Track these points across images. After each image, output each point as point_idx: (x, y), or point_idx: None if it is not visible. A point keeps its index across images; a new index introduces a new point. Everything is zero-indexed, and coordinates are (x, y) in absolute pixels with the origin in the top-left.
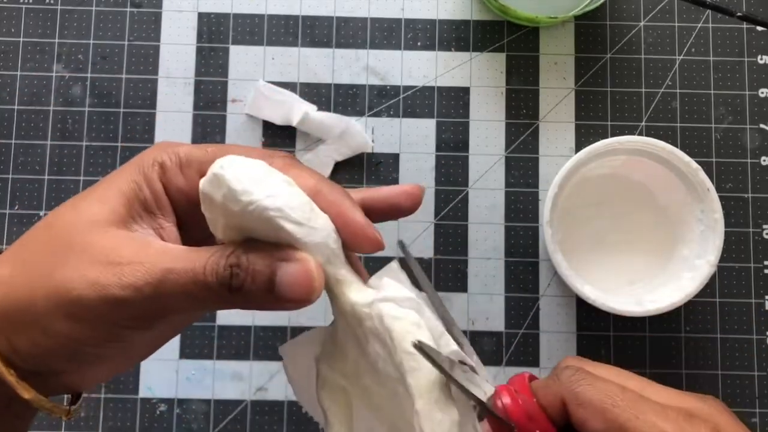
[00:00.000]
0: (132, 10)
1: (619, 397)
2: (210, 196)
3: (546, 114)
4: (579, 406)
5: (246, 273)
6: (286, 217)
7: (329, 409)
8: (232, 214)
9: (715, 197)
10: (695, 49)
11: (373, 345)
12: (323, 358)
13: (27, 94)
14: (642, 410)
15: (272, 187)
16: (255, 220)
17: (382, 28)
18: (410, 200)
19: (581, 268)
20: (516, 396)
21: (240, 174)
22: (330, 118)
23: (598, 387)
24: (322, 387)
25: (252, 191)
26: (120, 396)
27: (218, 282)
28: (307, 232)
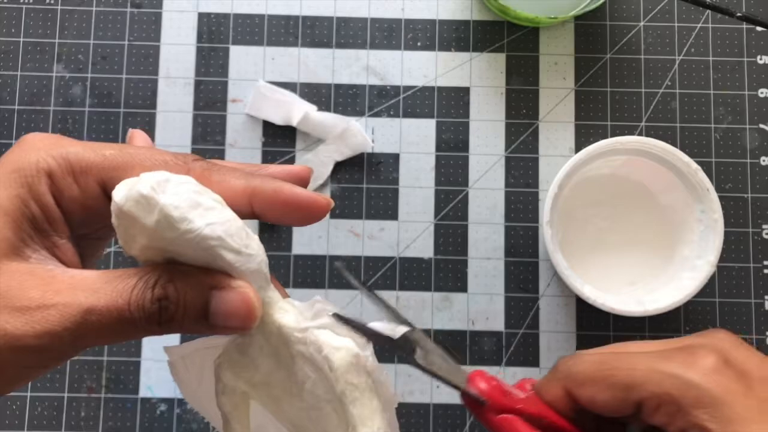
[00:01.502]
0: (132, 11)
1: (614, 359)
2: (133, 217)
3: (546, 114)
4: (580, 386)
5: (177, 305)
6: (226, 246)
7: (230, 413)
8: (160, 237)
9: (715, 197)
10: (695, 49)
11: (301, 366)
12: (226, 365)
13: (27, 94)
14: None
15: (209, 213)
16: (187, 246)
17: (382, 28)
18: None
19: (581, 268)
20: (489, 378)
21: (175, 198)
22: (330, 118)
23: (590, 360)
24: (223, 392)
25: (191, 219)
26: (120, 396)
27: (145, 318)
28: (245, 260)
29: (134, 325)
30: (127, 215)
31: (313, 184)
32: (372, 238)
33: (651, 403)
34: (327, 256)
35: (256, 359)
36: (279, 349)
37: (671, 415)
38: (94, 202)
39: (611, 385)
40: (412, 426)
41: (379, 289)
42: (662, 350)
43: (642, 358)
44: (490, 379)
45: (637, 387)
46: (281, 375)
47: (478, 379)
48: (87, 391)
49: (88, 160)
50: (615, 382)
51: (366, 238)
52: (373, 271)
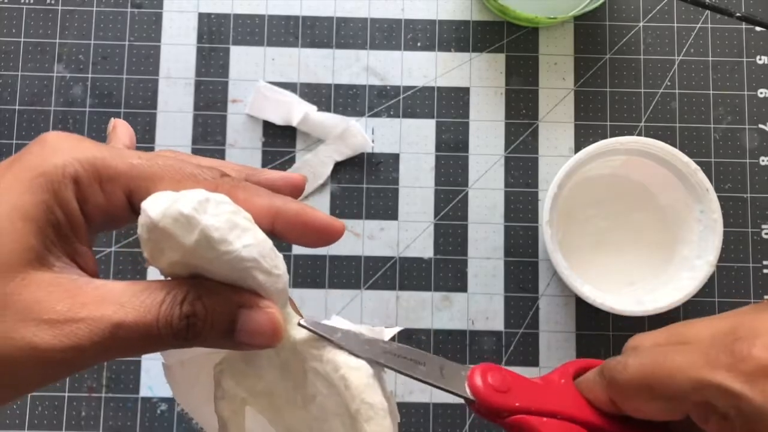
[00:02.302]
0: (133, 11)
1: (656, 365)
2: (170, 234)
3: (545, 114)
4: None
5: (204, 322)
6: (259, 267)
7: (229, 419)
8: (197, 256)
9: (714, 197)
10: (694, 49)
11: (313, 382)
12: (228, 372)
13: (28, 94)
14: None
15: (246, 234)
16: (222, 265)
17: (382, 28)
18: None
19: (581, 268)
20: (487, 372)
21: (216, 220)
22: (330, 119)
23: (635, 368)
24: (223, 398)
25: (231, 241)
26: (121, 395)
27: (172, 334)
28: (274, 281)
29: (161, 340)
30: (163, 231)
31: (313, 184)
32: (372, 238)
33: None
34: (327, 256)
35: (261, 369)
36: (289, 363)
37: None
38: (118, 210)
39: (655, 398)
40: (412, 426)
41: (378, 289)
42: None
43: (685, 360)
44: (488, 374)
45: (681, 399)
46: (286, 385)
47: (474, 375)
48: (87, 390)
49: (116, 168)
50: (659, 394)
51: (366, 238)
52: (373, 271)
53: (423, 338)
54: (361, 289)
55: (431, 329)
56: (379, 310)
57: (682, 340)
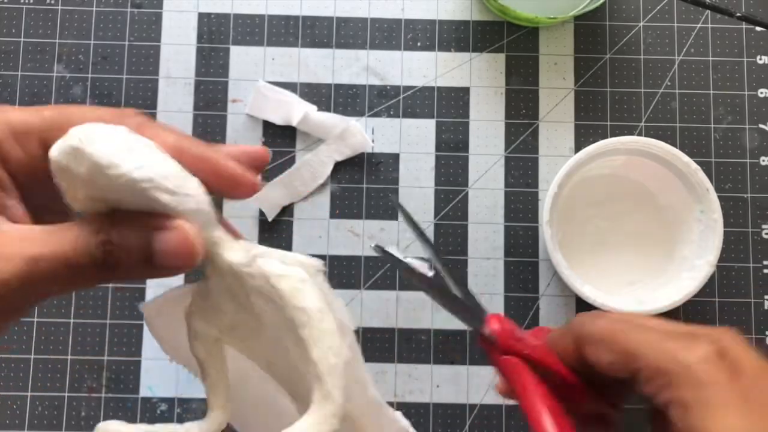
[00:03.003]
0: (132, 11)
1: (625, 328)
2: (68, 169)
3: (546, 114)
4: (589, 344)
5: (120, 249)
6: (159, 187)
7: (205, 360)
8: (97, 186)
9: (715, 197)
10: (694, 49)
11: (256, 300)
12: (195, 313)
13: (28, 94)
14: (646, 335)
15: (140, 156)
16: (124, 191)
17: (382, 28)
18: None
19: (581, 268)
20: (503, 320)
21: (103, 146)
22: (330, 118)
23: (603, 322)
24: (195, 339)
25: (119, 164)
26: (120, 395)
27: (92, 262)
28: (181, 200)
29: (81, 271)
30: (63, 169)
31: (313, 184)
32: (372, 238)
33: (646, 373)
34: (327, 256)
35: (218, 303)
36: (235, 289)
37: (661, 387)
38: (40, 163)
39: (616, 350)
40: (412, 426)
41: (378, 289)
42: (670, 331)
43: (649, 333)
44: (505, 322)
45: (638, 356)
46: (244, 315)
47: (493, 320)
48: (87, 390)
49: (29, 123)
50: (620, 347)
51: (366, 238)
52: (373, 271)
53: (423, 338)
54: (361, 289)
55: (431, 329)
56: (379, 310)
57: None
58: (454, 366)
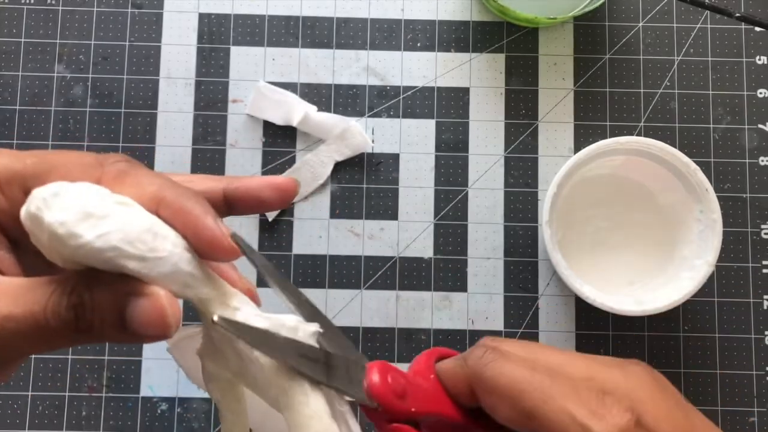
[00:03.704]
0: (133, 11)
1: (528, 380)
2: (34, 234)
3: (545, 114)
4: (486, 393)
5: (92, 312)
6: (125, 254)
7: (220, 401)
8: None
9: (714, 197)
10: (694, 49)
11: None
12: (205, 354)
13: (28, 94)
14: (551, 394)
15: (102, 222)
16: (91, 259)
17: (382, 28)
18: (276, 194)
19: (580, 268)
20: (386, 373)
21: (61, 213)
22: (330, 119)
23: (506, 371)
24: (209, 380)
25: (80, 234)
26: (121, 395)
27: (63, 325)
28: (152, 266)
29: (53, 332)
30: (31, 232)
31: (313, 184)
32: (372, 238)
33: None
34: (327, 256)
35: (223, 350)
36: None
37: None
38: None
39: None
40: None
41: (378, 289)
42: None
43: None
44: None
45: (541, 419)
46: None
47: (373, 374)
48: (88, 390)
49: (12, 170)
50: (522, 406)
51: (366, 238)
52: (373, 270)
53: (423, 338)
54: (361, 289)
55: (431, 329)
56: (379, 310)
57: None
58: None
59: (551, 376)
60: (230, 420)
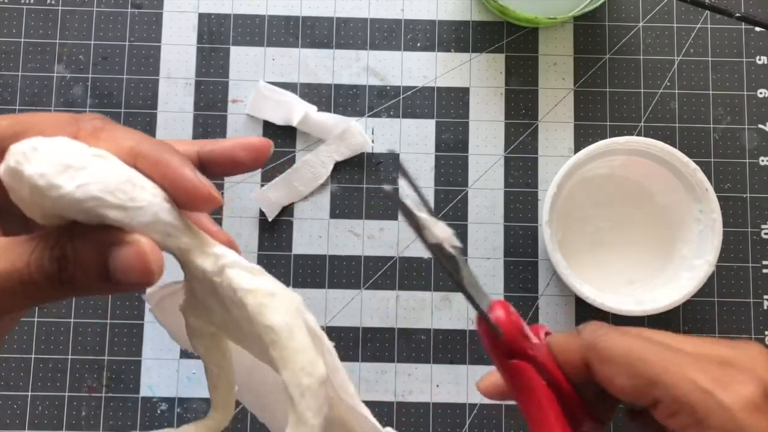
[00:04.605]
0: (133, 11)
1: (647, 349)
2: (14, 189)
3: (545, 114)
4: (603, 362)
5: (74, 264)
6: (105, 204)
7: (204, 356)
8: (45, 206)
9: (714, 197)
10: (694, 49)
11: (232, 308)
12: (188, 309)
13: (28, 94)
14: (672, 362)
15: (81, 173)
16: (73, 210)
17: (382, 28)
18: (250, 154)
19: (580, 268)
20: (510, 311)
21: (40, 165)
22: (330, 119)
23: (622, 341)
24: (193, 336)
25: (59, 184)
26: (121, 395)
27: (46, 278)
28: (133, 215)
29: (36, 286)
30: (11, 189)
31: (313, 184)
32: (372, 238)
33: (670, 406)
34: (327, 255)
35: (205, 302)
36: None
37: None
38: None
39: (636, 374)
40: (412, 426)
41: (378, 289)
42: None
43: (677, 358)
44: (512, 313)
45: (662, 386)
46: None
47: (498, 308)
48: (88, 390)
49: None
50: (642, 373)
51: (366, 238)
52: (373, 271)
53: (423, 338)
54: (361, 289)
55: (431, 329)
56: (379, 310)
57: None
58: (453, 366)
59: (666, 349)
60: (215, 374)
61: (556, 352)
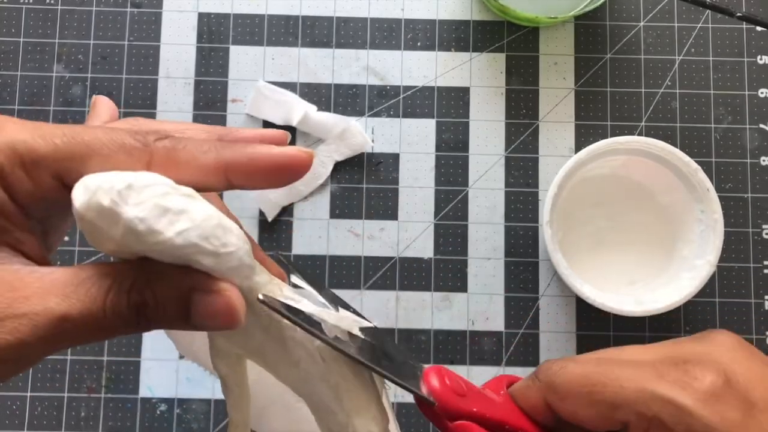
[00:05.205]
0: (132, 10)
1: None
2: (96, 226)
3: (546, 114)
4: (562, 399)
5: (155, 310)
6: (202, 251)
7: (227, 376)
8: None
9: (715, 197)
10: (695, 49)
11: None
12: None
13: (27, 94)
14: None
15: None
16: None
17: (382, 28)
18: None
19: (581, 268)
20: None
21: (139, 210)
22: (330, 118)
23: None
24: (217, 356)
25: (160, 230)
26: (120, 396)
27: (123, 323)
28: (223, 261)
29: (110, 329)
30: (89, 223)
31: (313, 184)
32: (372, 238)
33: (639, 424)
34: (327, 256)
35: (247, 329)
36: (271, 327)
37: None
38: (51, 194)
39: (596, 402)
40: (412, 426)
41: (378, 289)
42: (655, 362)
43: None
44: (445, 376)
45: (624, 407)
46: (274, 346)
47: (431, 376)
48: (87, 391)
49: (39, 152)
50: (600, 399)
51: (366, 238)
52: (373, 271)
53: (423, 338)
54: (361, 289)
55: (431, 329)
56: (379, 310)
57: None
58: (454, 366)
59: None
60: (238, 394)
61: (518, 401)
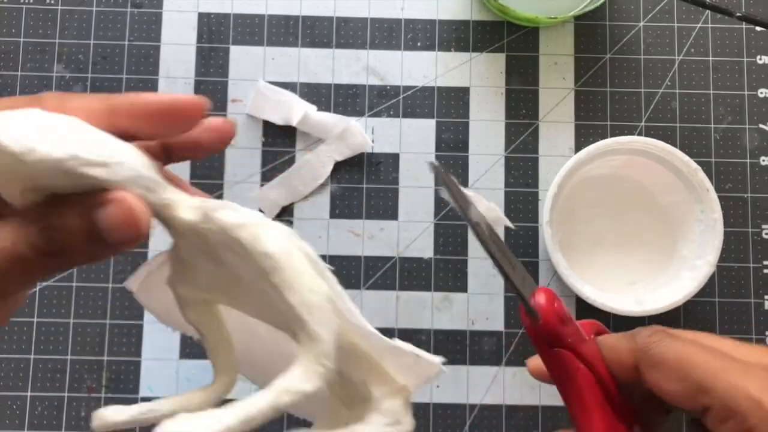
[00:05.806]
0: (132, 11)
1: (698, 355)
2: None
3: (546, 114)
4: (653, 366)
5: (62, 232)
6: (86, 161)
7: (198, 323)
8: (23, 177)
9: (715, 197)
10: (695, 49)
11: (225, 254)
12: (175, 280)
13: (27, 94)
14: (723, 368)
15: (58, 134)
16: (53, 176)
17: (382, 28)
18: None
19: (581, 268)
20: (552, 299)
21: (13, 132)
22: (330, 118)
23: (675, 346)
24: (184, 305)
25: (35, 147)
26: (120, 395)
27: (36, 252)
28: (115, 170)
29: (29, 262)
30: None
31: (313, 184)
32: (372, 238)
33: (720, 413)
34: (327, 256)
35: (193, 263)
36: (203, 246)
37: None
38: None
39: (686, 379)
40: None
41: (378, 289)
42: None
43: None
44: (554, 301)
45: (712, 392)
46: (221, 270)
47: (541, 295)
48: (87, 390)
49: None
50: (691, 378)
51: (366, 238)
52: (373, 271)
53: (423, 338)
54: (361, 289)
55: (431, 329)
56: (379, 310)
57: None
58: (454, 366)
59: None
60: (213, 339)
61: (605, 351)
